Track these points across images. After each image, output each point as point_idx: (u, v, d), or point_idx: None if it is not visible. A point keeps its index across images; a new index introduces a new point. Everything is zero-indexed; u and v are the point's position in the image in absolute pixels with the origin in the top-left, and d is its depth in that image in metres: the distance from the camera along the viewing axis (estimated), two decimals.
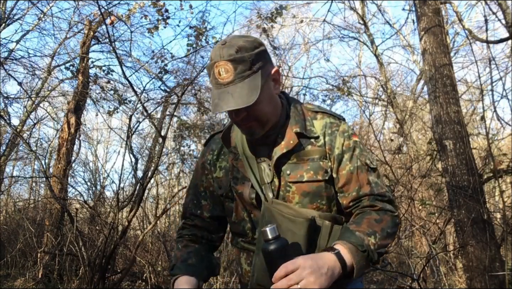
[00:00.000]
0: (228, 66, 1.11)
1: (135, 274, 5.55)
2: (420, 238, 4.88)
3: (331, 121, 1.24)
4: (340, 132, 1.22)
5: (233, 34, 1.23)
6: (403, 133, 6.75)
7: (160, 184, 8.30)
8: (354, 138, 1.22)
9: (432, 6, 4.04)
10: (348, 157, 1.19)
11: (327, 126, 1.22)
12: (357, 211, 1.18)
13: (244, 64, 1.11)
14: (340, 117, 1.27)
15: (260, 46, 1.16)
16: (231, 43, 1.12)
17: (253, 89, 1.11)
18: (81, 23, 6.76)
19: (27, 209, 7.23)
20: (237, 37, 1.17)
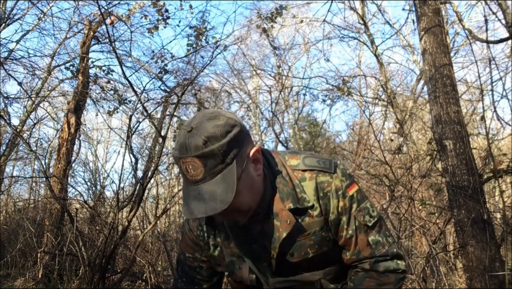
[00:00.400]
0: (196, 163, 0.96)
1: (135, 274, 5.55)
2: (420, 238, 4.88)
3: (321, 180, 1.10)
4: (333, 192, 1.10)
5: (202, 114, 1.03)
6: (403, 133, 6.75)
7: (160, 184, 8.30)
8: (349, 192, 1.11)
9: (432, 6, 4.04)
10: (346, 220, 1.10)
11: (319, 188, 1.10)
12: (358, 270, 1.14)
13: (215, 158, 0.96)
14: (330, 170, 1.12)
15: (234, 128, 1.00)
16: (198, 131, 0.97)
17: (228, 187, 0.96)
18: (81, 23, 6.76)
19: (27, 209, 7.23)
20: (206, 120, 0.99)
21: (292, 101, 10.60)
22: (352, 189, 1.11)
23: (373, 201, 6.19)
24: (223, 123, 0.99)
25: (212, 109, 1.10)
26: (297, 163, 1.14)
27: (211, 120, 0.99)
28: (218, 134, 0.97)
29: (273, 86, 8.79)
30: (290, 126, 12.22)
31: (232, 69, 9.69)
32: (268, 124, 9.31)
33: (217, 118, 1.00)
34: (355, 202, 1.11)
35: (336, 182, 1.10)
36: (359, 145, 7.25)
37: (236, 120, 1.03)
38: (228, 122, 1.00)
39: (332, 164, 1.13)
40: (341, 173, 1.12)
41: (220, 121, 0.99)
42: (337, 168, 1.13)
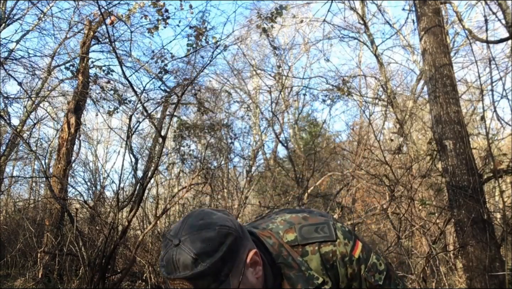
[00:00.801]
0: (185, 285, 0.87)
1: (135, 274, 5.55)
2: (420, 238, 4.88)
3: (325, 251, 1.03)
4: (339, 261, 1.03)
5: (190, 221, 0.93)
6: (403, 133, 6.75)
7: (160, 184, 8.30)
8: (355, 255, 1.05)
9: (432, 6, 4.04)
10: (357, 285, 1.06)
11: (324, 261, 1.03)
12: None
13: (207, 279, 0.87)
14: (331, 237, 1.04)
15: (227, 238, 0.90)
16: (187, 246, 0.87)
17: None
18: (81, 23, 6.76)
19: (27, 209, 7.23)
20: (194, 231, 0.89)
21: (292, 101, 10.60)
22: (357, 250, 1.05)
23: (373, 201, 6.20)
24: (215, 235, 0.89)
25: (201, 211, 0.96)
26: (295, 237, 1.05)
27: (200, 232, 0.89)
28: (210, 249, 0.87)
29: (273, 86, 8.80)
30: (290, 126, 12.23)
31: (232, 69, 9.69)
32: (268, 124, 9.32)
33: (207, 228, 0.90)
34: (362, 263, 1.05)
35: (341, 249, 1.03)
36: (359, 145, 7.25)
37: (230, 226, 0.92)
38: (221, 232, 0.90)
39: (332, 228, 1.05)
40: (342, 235, 1.05)
41: (211, 232, 0.89)
42: (337, 231, 1.05)
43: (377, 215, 5.73)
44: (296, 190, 6.81)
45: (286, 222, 1.08)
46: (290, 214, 1.12)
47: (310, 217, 1.09)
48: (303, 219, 1.09)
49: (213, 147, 7.70)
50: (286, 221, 1.09)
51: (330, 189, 8.54)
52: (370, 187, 6.20)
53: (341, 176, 7.02)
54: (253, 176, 8.33)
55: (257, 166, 10.50)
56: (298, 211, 1.15)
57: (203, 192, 6.86)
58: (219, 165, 7.68)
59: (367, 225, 6.35)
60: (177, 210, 7.00)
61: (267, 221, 1.12)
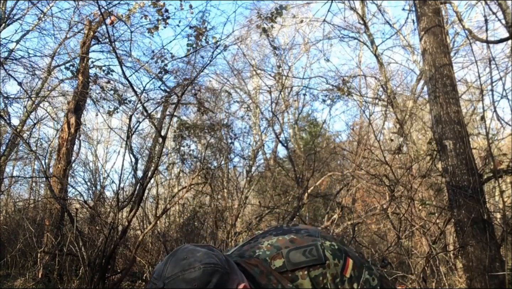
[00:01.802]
0: None
1: (135, 274, 5.55)
2: (420, 238, 4.88)
3: (315, 275, 1.00)
4: (330, 283, 1.01)
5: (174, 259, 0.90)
6: (403, 133, 6.75)
7: (160, 184, 8.30)
8: (346, 274, 1.03)
9: (432, 6, 4.04)
10: None
11: (314, 284, 1.00)
12: None
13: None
14: (320, 260, 1.01)
15: (213, 276, 0.87)
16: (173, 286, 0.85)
17: None
18: (81, 23, 6.77)
19: (27, 209, 7.23)
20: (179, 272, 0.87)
21: (292, 101, 10.59)
22: (348, 269, 1.03)
23: (373, 201, 6.20)
24: (200, 275, 0.85)
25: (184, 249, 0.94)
26: (282, 263, 1.01)
27: (185, 273, 0.86)
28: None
29: (273, 86, 8.79)
30: (290, 126, 12.23)
31: (232, 69, 9.69)
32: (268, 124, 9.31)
33: (192, 268, 0.86)
34: (355, 281, 1.04)
35: (331, 271, 1.01)
36: (359, 145, 7.25)
37: (215, 263, 0.89)
38: (206, 271, 0.86)
39: (320, 250, 1.03)
40: (332, 255, 1.03)
41: (196, 272, 0.86)
42: (326, 251, 1.03)
43: (377, 215, 5.73)
44: (296, 190, 6.81)
45: (273, 247, 1.05)
46: (276, 237, 1.09)
47: (297, 238, 1.07)
48: (290, 242, 1.06)
49: (213, 147, 7.69)
50: (273, 246, 1.06)
51: (330, 189, 8.54)
52: (370, 187, 6.20)
53: (341, 176, 7.02)
54: (253, 176, 8.33)
55: (257, 166, 10.49)
56: (285, 232, 1.11)
57: (203, 192, 6.86)
58: (219, 165, 7.67)
59: (367, 225, 6.34)
60: (177, 210, 7.00)
61: (253, 246, 1.09)
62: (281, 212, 6.59)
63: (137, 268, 5.61)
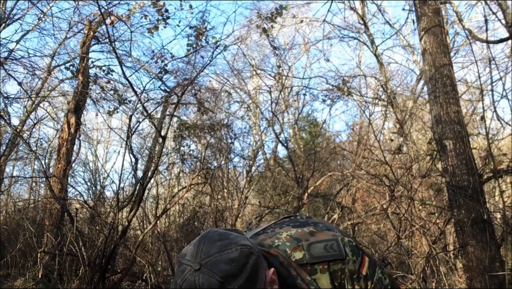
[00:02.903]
0: None
1: (135, 274, 5.56)
2: (420, 238, 4.88)
3: (334, 269, 1.01)
4: (348, 279, 1.01)
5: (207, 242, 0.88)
6: (403, 133, 6.75)
7: (160, 184, 8.30)
8: (362, 272, 1.03)
9: (432, 6, 4.04)
10: None
11: (333, 278, 1.01)
12: None
13: (239, 279, 0.83)
14: (341, 256, 1.02)
15: (250, 258, 0.86)
16: (210, 269, 0.83)
17: None
18: (81, 23, 6.77)
19: (27, 209, 7.23)
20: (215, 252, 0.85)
21: (292, 101, 10.58)
22: (365, 267, 1.04)
23: (373, 201, 6.20)
24: (238, 256, 0.85)
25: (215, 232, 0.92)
26: (303, 256, 1.01)
27: (222, 253, 0.85)
28: (235, 271, 0.83)
29: (273, 86, 8.79)
30: (290, 126, 12.22)
31: (232, 69, 9.68)
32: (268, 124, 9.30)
33: (229, 249, 0.86)
34: (369, 279, 1.04)
35: (350, 267, 1.02)
36: (359, 145, 7.24)
37: (250, 245, 0.89)
38: (243, 252, 0.86)
39: (341, 246, 1.03)
40: (351, 251, 1.03)
41: (234, 252, 0.85)
42: (346, 247, 1.03)
43: (377, 215, 5.73)
44: (296, 190, 6.81)
45: (292, 238, 1.05)
46: (295, 229, 1.08)
47: (317, 232, 1.06)
48: (310, 234, 1.05)
49: (213, 147, 7.69)
50: (293, 237, 1.05)
51: (330, 189, 8.53)
52: (370, 187, 6.20)
53: (341, 176, 7.01)
54: (253, 176, 8.32)
55: (257, 166, 10.49)
56: (302, 224, 1.10)
57: (203, 192, 6.86)
58: (219, 165, 7.67)
59: (367, 225, 6.34)
60: (177, 210, 7.00)
61: (271, 236, 1.08)
62: (281, 212, 6.58)
63: (137, 268, 5.61)
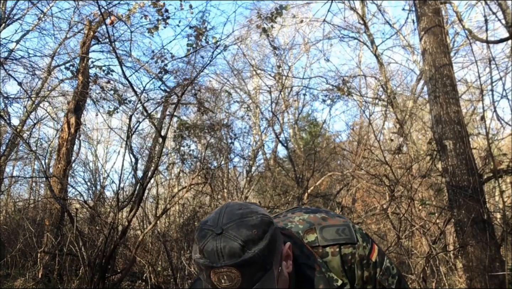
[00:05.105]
0: (233, 273, 0.82)
1: (135, 274, 5.56)
2: (420, 238, 4.88)
3: (344, 253, 1.02)
4: (357, 264, 1.03)
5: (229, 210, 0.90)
6: (403, 133, 6.75)
7: (160, 184, 8.30)
8: (372, 258, 1.05)
9: (432, 6, 4.04)
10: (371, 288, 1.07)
11: (343, 262, 1.02)
12: None
13: (254, 266, 0.83)
14: (352, 240, 1.03)
15: (270, 227, 0.88)
16: (232, 234, 0.84)
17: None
18: (81, 23, 6.77)
19: (27, 209, 7.24)
20: (237, 219, 0.87)
21: (292, 101, 10.58)
22: (374, 254, 1.06)
23: (373, 201, 6.20)
24: (259, 223, 0.86)
25: (236, 203, 0.94)
26: (315, 238, 1.03)
27: (244, 219, 0.86)
28: (256, 237, 0.84)
29: (273, 86, 8.79)
30: (290, 126, 12.22)
31: (232, 69, 9.69)
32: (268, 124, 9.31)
33: (250, 216, 0.87)
34: (378, 266, 1.06)
35: (360, 252, 1.04)
36: (359, 145, 7.24)
37: (270, 216, 0.91)
38: (264, 221, 0.88)
39: (352, 231, 1.05)
40: (361, 238, 1.06)
41: (255, 219, 0.87)
42: (357, 233, 1.06)
43: (377, 215, 5.73)
44: (296, 190, 6.81)
45: (305, 222, 1.07)
46: (308, 214, 1.10)
47: (329, 218, 1.08)
48: (322, 219, 1.07)
49: (213, 147, 7.69)
50: (305, 221, 1.07)
51: (330, 189, 8.54)
52: (370, 187, 6.20)
53: (341, 176, 7.02)
54: (253, 176, 8.33)
55: (257, 166, 10.49)
56: (315, 211, 1.13)
57: (203, 192, 6.86)
58: (219, 165, 7.67)
59: (367, 225, 6.34)
60: (177, 210, 7.00)
61: (284, 220, 1.10)
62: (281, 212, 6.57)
63: (137, 268, 5.61)
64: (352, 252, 1.02)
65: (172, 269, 5.07)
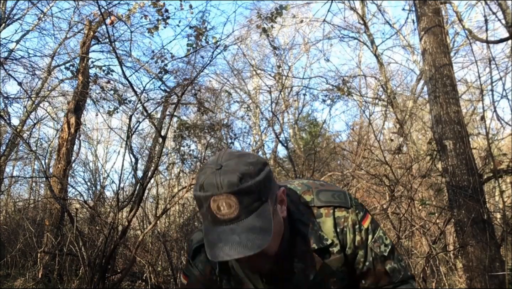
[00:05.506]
0: (231, 200, 0.89)
1: (135, 274, 5.56)
2: (420, 238, 4.88)
3: (337, 216, 1.07)
4: (350, 227, 1.07)
5: (227, 152, 0.98)
6: (403, 133, 6.75)
7: (160, 184, 8.30)
8: (364, 224, 1.09)
9: (432, 6, 4.04)
10: (362, 254, 1.09)
11: (336, 223, 1.07)
12: None
13: (251, 195, 0.90)
14: (346, 204, 1.09)
15: (265, 166, 0.96)
16: (230, 168, 0.91)
17: (265, 227, 0.90)
18: (81, 23, 6.77)
19: (27, 209, 7.23)
20: (235, 157, 0.94)
21: (292, 101, 10.58)
22: (367, 221, 1.10)
23: (373, 201, 6.19)
24: (255, 161, 0.94)
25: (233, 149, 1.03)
26: (311, 199, 1.10)
27: (241, 158, 0.94)
28: (253, 172, 0.92)
29: (273, 86, 8.79)
30: (290, 126, 12.22)
31: (232, 69, 9.69)
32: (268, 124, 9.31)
33: (247, 156, 0.95)
34: (370, 233, 1.10)
35: (353, 216, 1.08)
36: (359, 145, 7.24)
37: (266, 162, 0.99)
38: (260, 161, 0.96)
39: (347, 197, 1.11)
40: (355, 204, 1.10)
41: (251, 159, 0.95)
42: (352, 201, 1.11)
43: (377, 215, 5.72)
44: None
45: (304, 185, 1.14)
46: (307, 180, 1.19)
47: (327, 185, 1.15)
48: (320, 185, 1.14)
49: (213, 147, 7.68)
50: (304, 184, 1.14)
51: None
52: (370, 187, 6.19)
53: (341, 176, 7.01)
54: None
55: None
56: (314, 180, 1.21)
57: None
58: None
59: None
60: (177, 210, 7.00)
61: (283, 182, 1.17)
62: None
63: (137, 268, 5.61)
64: (345, 216, 1.07)
65: (172, 269, 5.07)
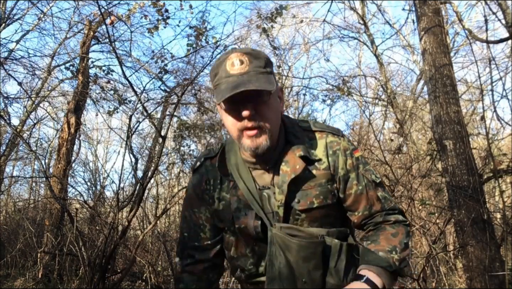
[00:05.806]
0: (244, 58, 1.04)
1: (135, 274, 5.55)
2: (420, 238, 4.88)
3: (330, 140, 1.17)
4: (342, 151, 1.16)
5: None
6: (403, 133, 6.75)
7: (160, 184, 8.30)
8: (356, 154, 1.18)
9: (432, 6, 4.04)
10: (354, 177, 1.15)
11: (328, 146, 1.16)
12: (370, 227, 1.18)
13: (260, 61, 1.06)
14: (339, 133, 1.20)
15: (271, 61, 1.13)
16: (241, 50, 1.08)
17: (270, 82, 1.04)
18: (81, 23, 6.76)
19: (27, 209, 7.23)
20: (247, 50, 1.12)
21: (292, 101, 10.58)
22: (358, 152, 1.19)
23: None
24: (263, 54, 1.10)
25: None
26: (308, 125, 1.21)
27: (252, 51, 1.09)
28: (261, 53, 1.09)
29: None
30: None
31: None
32: None
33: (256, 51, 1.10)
34: (361, 162, 1.18)
35: (344, 144, 1.18)
36: (359, 145, 7.24)
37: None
38: (267, 56, 1.10)
39: (340, 131, 1.22)
40: (347, 139, 1.21)
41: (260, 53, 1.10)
42: (345, 136, 1.21)
43: None
44: None
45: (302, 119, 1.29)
46: None
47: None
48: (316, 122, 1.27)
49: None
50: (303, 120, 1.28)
51: None
52: None
53: None
54: None
55: None
56: None
57: None
58: None
59: None
60: (177, 210, 7.00)
61: None
62: None
63: (137, 268, 5.60)
64: (337, 141, 1.17)
65: (172, 269, 5.07)
